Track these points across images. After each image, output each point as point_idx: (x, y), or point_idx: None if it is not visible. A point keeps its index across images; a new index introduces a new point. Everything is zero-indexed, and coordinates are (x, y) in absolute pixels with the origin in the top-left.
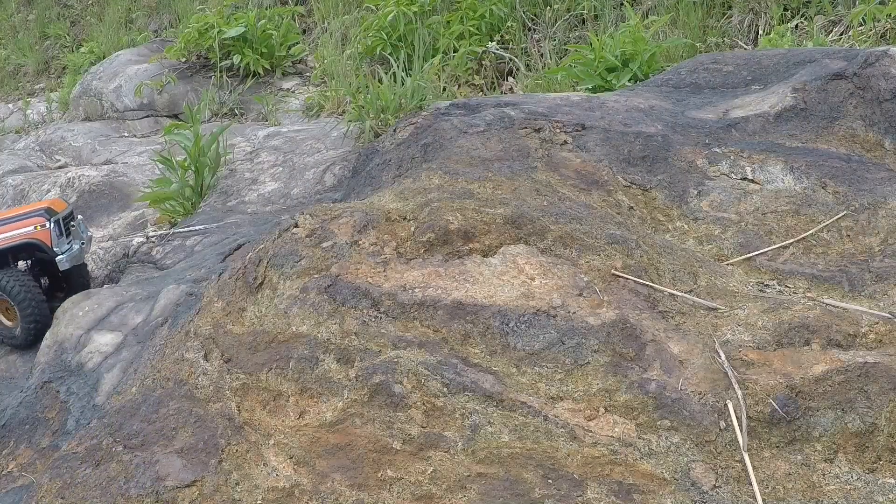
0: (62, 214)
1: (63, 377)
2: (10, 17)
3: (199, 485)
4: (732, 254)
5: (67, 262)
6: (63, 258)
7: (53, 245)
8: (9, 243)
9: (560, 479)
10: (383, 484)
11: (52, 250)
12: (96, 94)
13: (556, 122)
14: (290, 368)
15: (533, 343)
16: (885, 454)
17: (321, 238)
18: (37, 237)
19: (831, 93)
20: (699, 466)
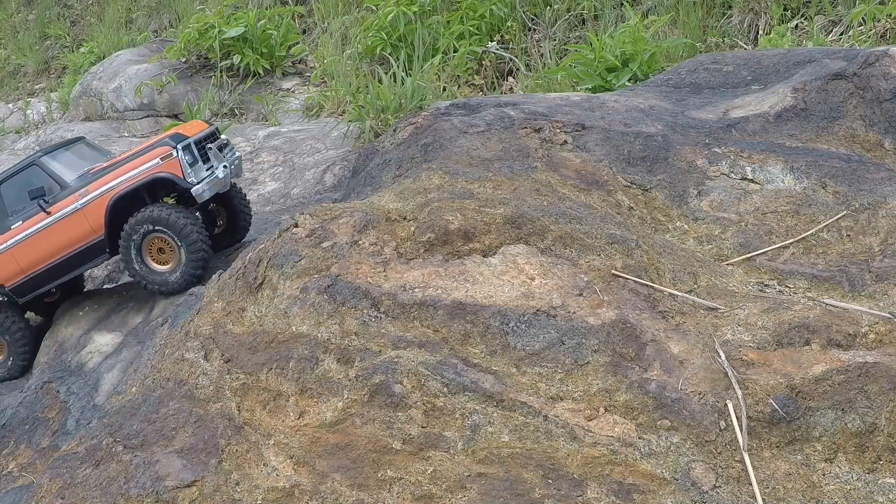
0: (196, 138)
1: (63, 377)
2: (10, 17)
3: (199, 485)
4: (732, 254)
5: (207, 191)
6: (200, 188)
7: (185, 175)
8: (133, 184)
9: (560, 479)
10: (383, 484)
11: (185, 181)
12: (96, 94)
13: (556, 122)
14: (290, 368)
15: (533, 343)
16: (885, 454)
17: (321, 238)
18: (164, 170)
19: (831, 93)
20: (699, 466)
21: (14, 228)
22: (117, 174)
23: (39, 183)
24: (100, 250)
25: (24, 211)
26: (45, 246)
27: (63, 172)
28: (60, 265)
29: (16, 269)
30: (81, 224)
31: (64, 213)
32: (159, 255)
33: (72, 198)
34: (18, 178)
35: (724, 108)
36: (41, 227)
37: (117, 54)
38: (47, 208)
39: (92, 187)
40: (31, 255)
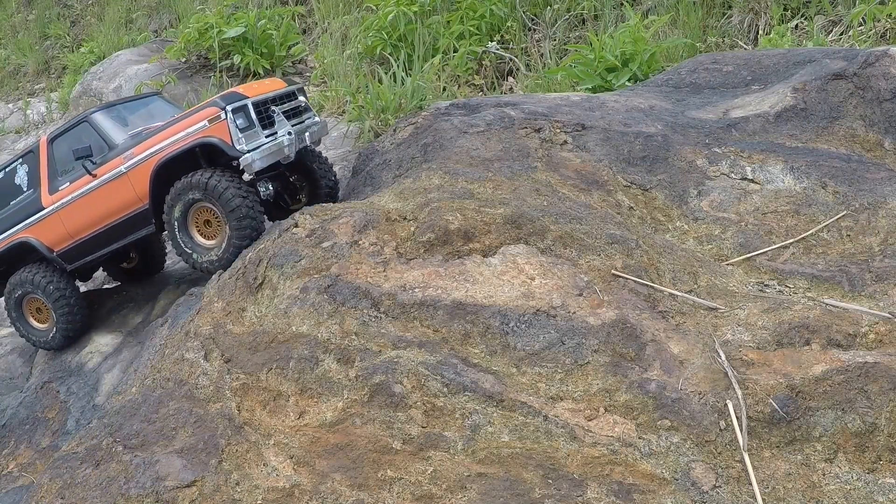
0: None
1: (63, 377)
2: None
3: (199, 485)
4: (732, 254)
5: (259, 161)
6: (250, 158)
7: (234, 141)
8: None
9: (560, 479)
10: (383, 484)
11: (233, 148)
12: (96, 94)
13: (556, 122)
14: (290, 368)
15: (533, 343)
16: (885, 454)
17: (321, 238)
18: (210, 134)
19: (831, 93)
20: (699, 466)
21: (62, 190)
22: (163, 137)
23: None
24: (146, 220)
25: (74, 171)
26: (90, 211)
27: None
28: (106, 234)
29: (63, 234)
30: (126, 190)
31: (108, 177)
32: (206, 228)
33: (117, 160)
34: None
35: (724, 108)
36: (86, 191)
37: (117, 54)
38: (93, 170)
39: (137, 150)
40: (77, 220)
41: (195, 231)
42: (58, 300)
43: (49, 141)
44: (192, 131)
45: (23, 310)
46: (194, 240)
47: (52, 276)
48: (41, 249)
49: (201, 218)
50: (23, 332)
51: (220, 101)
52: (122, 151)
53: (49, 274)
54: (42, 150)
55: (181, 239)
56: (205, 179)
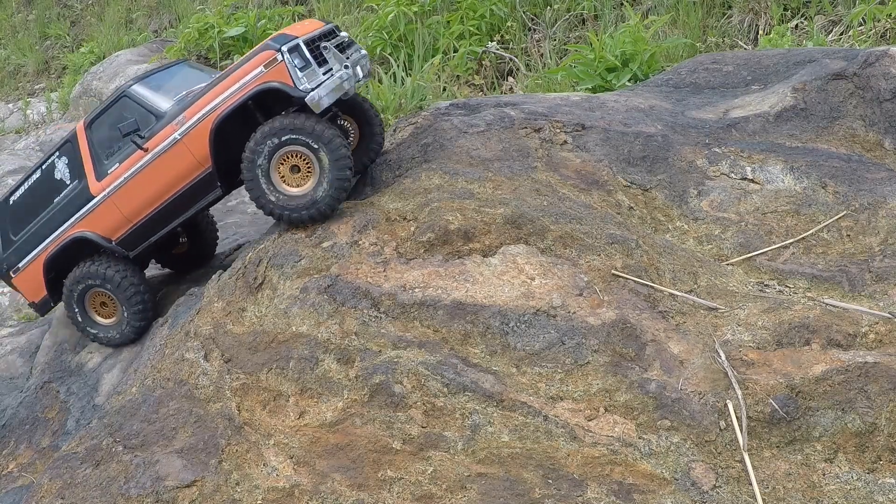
0: (306, 37)
1: (63, 377)
2: (10, 17)
3: (199, 485)
4: (732, 254)
5: (325, 97)
6: (316, 95)
7: (296, 82)
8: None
9: (560, 479)
10: (383, 484)
11: (297, 89)
12: (96, 94)
13: (556, 122)
14: (290, 368)
15: (533, 343)
16: (885, 454)
17: (321, 238)
18: (269, 79)
19: (831, 93)
20: (699, 466)
21: (112, 173)
22: (217, 92)
23: (131, 117)
24: (210, 185)
25: (121, 151)
26: (148, 188)
27: (157, 100)
28: (168, 208)
29: (120, 220)
30: (184, 157)
31: (162, 148)
32: (292, 176)
33: (169, 128)
34: (110, 115)
35: (724, 108)
36: (140, 168)
37: (117, 54)
38: (143, 145)
39: (189, 112)
40: (134, 201)
41: (280, 180)
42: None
43: (86, 126)
44: (247, 80)
45: (85, 305)
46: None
47: (120, 266)
48: (98, 241)
49: (287, 165)
50: (85, 328)
51: (273, 43)
52: (171, 118)
53: (115, 264)
54: (80, 138)
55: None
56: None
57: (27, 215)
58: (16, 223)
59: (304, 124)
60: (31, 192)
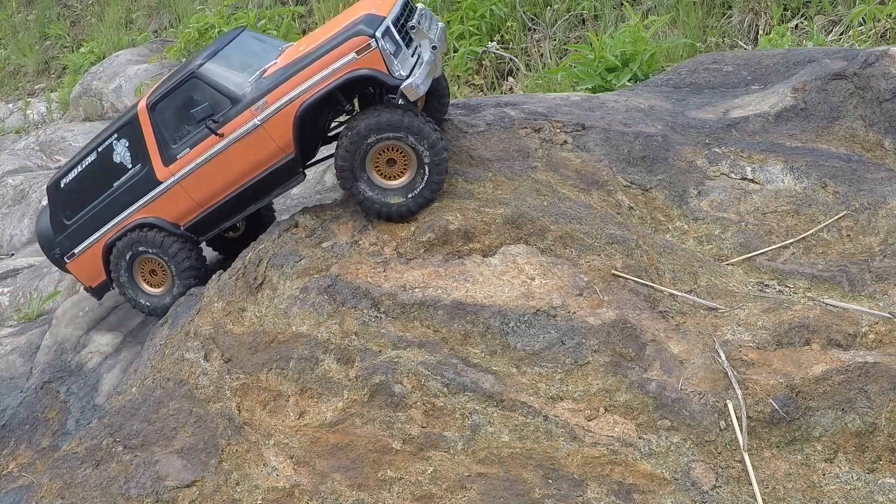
0: (392, 16)
1: (63, 377)
2: (10, 17)
3: (199, 485)
4: (732, 254)
5: (423, 85)
6: (413, 82)
7: (391, 69)
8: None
9: (560, 479)
10: (383, 484)
11: (392, 77)
12: (96, 94)
13: (556, 122)
14: (290, 368)
15: (533, 343)
16: (885, 454)
17: (321, 238)
18: (363, 66)
19: (831, 93)
20: (699, 466)
21: (181, 158)
22: (302, 77)
23: (203, 100)
24: (290, 172)
25: (192, 135)
26: (223, 174)
27: (230, 82)
28: (245, 194)
29: (190, 205)
30: (264, 143)
31: (240, 134)
32: (388, 169)
33: (247, 113)
34: (177, 97)
35: (724, 108)
36: (215, 153)
37: (117, 54)
38: (218, 130)
39: (271, 98)
40: (207, 187)
41: (375, 173)
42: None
43: (149, 107)
44: (337, 67)
45: (133, 272)
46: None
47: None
48: (166, 227)
49: (383, 158)
50: (132, 297)
51: (364, 27)
52: (250, 103)
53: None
54: (143, 120)
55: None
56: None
57: (82, 199)
58: (69, 207)
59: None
60: (85, 175)
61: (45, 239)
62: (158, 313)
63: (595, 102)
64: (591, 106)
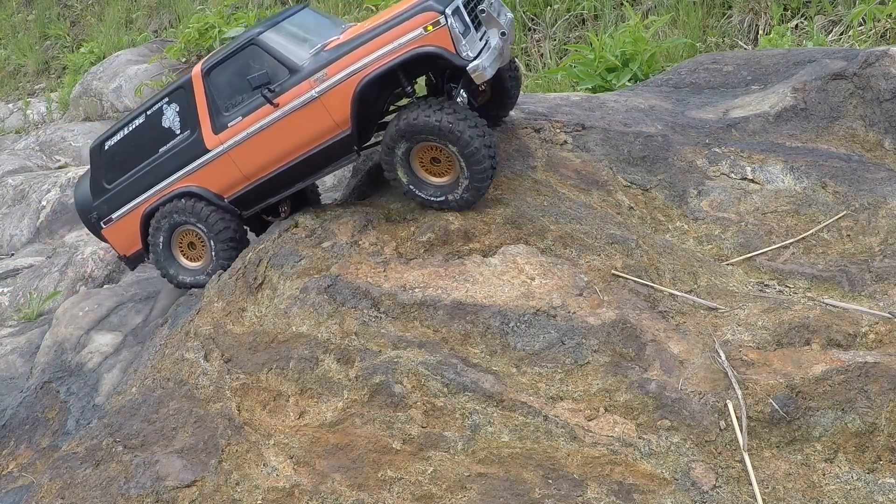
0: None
1: (63, 377)
2: (10, 17)
3: (199, 485)
4: (732, 254)
5: (489, 69)
6: (480, 65)
7: (458, 49)
8: (387, 63)
9: (560, 479)
10: (383, 484)
11: (459, 57)
12: (96, 94)
13: (556, 122)
14: (290, 368)
15: (533, 343)
16: (885, 454)
17: (321, 238)
18: (429, 43)
19: (831, 93)
20: (699, 466)
21: (232, 126)
22: (364, 51)
23: (261, 68)
24: (345, 148)
25: (245, 103)
26: (274, 147)
27: (291, 52)
28: (294, 170)
29: (237, 177)
30: (320, 117)
31: (296, 105)
32: (433, 166)
33: (305, 84)
34: (234, 63)
35: (724, 108)
36: (267, 124)
37: (117, 54)
38: (274, 99)
39: (332, 70)
40: (257, 159)
41: (420, 169)
42: (222, 232)
43: (204, 73)
44: (403, 42)
45: (171, 244)
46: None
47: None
48: (209, 198)
49: (427, 156)
50: (167, 270)
51: (434, 3)
52: (308, 74)
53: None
54: (196, 85)
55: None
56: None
57: (125, 163)
58: (111, 171)
59: (445, 127)
60: (131, 138)
61: (83, 202)
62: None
63: (595, 102)
64: (591, 106)
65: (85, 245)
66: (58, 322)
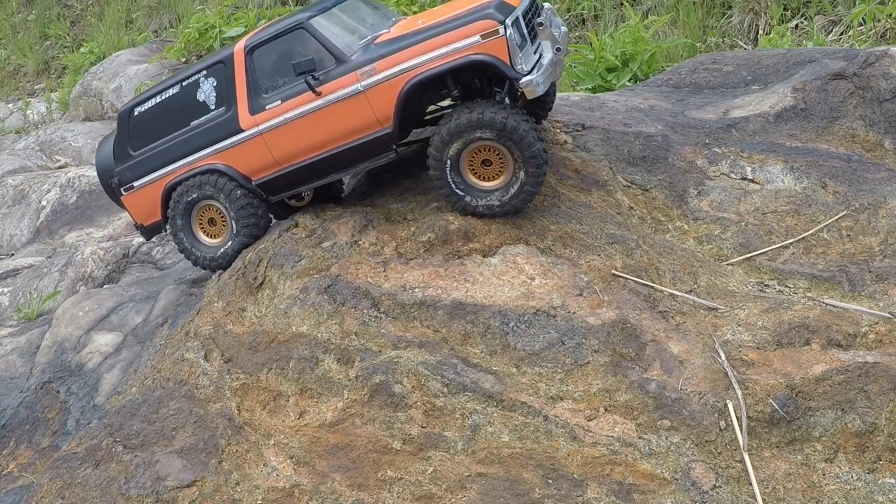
0: (522, 8)
1: (63, 377)
2: (10, 17)
3: (199, 485)
4: (732, 254)
5: (542, 85)
6: (534, 80)
7: (514, 62)
8: (438, 66)
9: (560, 479)
10: (383, 484)
11: (513, 69)
12: (96, 94)
13: (556, 121)
14: (290, 368)
15: (533, 343)
16: (885, 454)
17: (321, 238)
18: (485, 51)
19: (831, 93)
20: (699, 466)
21: (270, 109)
22: (417, 51)
23: (307, 53)
24: (382, 147)
25: (286, 87)
26: (311, 135)
27: (339, 40)
28: (328, 161)
29: (268, 161)
30: (362, 111)
31: (340, 96)
32: (483, 169)
33: (351, 76)
34: (279, 45)
35: (724, 108)
36: (307, 112)
37: (117, 54)
38: (317, 87)
39: (381, 65)
40: (290, 146)
41: (469, 173)
42: (243, 206)
43: (247, 50)
44: (458, 47)
45: (191, 219)
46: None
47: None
48: (236, 178)
49: (478, 159)
50: (185, 246)
51: (495, 11)
52: (356, 66)
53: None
54: (238, 62)
55: (452, 179)
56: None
57: (154, 132)
58: (138, 137)
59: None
60: (163, 107)
61: (104, 166)
62: (205, 265)
63: (595, 102)
64: (591, 106)
65: (85, 245)
66: (58, 322)
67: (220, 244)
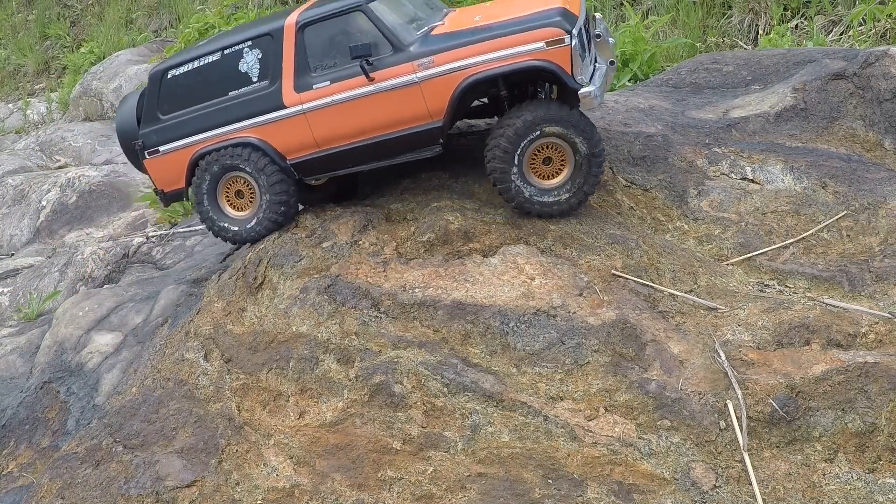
0: (582, 18)
1: (63, 377)
2: (10, 17)
3: (199, 485)
4: (732, 254)
5: (600, 96)
6: (592, 92)
7: (574, 72)
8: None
9: (560, 479)
10: (383, 484)
11: (573, 79)
12: (96, 94)
13: None
14: (290, 368)
15: (533, 343)
16: (885, 454)
17: (321, 238)
18: (547, 58)
19: (831, 93)
20: (699, 466)
21: (317, 88)
22: (478, 49)
23: (363, 36)
24: (430, 140)
25: (336, 69)
26: (357, 120)
27: (397, 28)
28: (370, 149)
29: (308, 141)
30: (415, 103)
31: (393, 85)
32: (543, 167)
33: (407, 66)
34: (334, 25)
35: (724, 108)
36: (357, 96)
37: (117, 54)
38: (371, 73)
39: (439, 59)
40: (334, 128)
41: (531, 170)
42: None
43: (299, 26)
44: (521, 51)
45: (218, 188)
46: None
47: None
48: (271, 155)
49: (540, 156)
50: (209, 217)
51: (562, 20)
52: (413, 57)
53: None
54: (288, 37)
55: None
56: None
57: (187, 98)
58: (168, 101)
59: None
60: (200, 74)
61: (126, 127)
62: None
63: None
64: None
65: (85, 245)
66: (58, 322)
67: (246, 217)
